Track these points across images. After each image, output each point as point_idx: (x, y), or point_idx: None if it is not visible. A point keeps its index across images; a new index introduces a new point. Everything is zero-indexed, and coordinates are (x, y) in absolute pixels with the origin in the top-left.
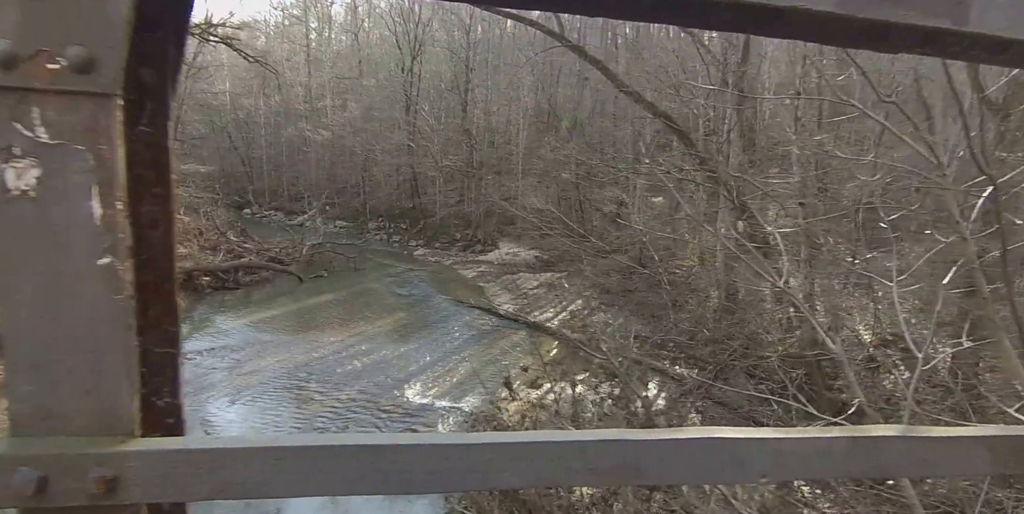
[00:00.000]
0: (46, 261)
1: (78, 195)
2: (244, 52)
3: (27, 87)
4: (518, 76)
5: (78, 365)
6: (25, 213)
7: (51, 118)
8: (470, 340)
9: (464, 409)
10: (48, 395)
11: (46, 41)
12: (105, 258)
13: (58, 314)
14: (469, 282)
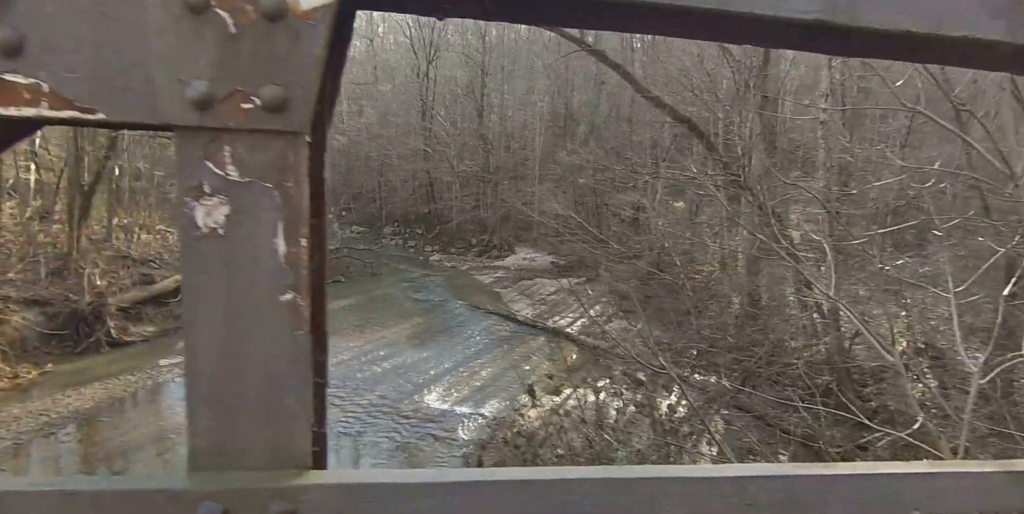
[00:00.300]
0: (231, 298)
1: (265, 233)
2: None
3: (221, 127)
4: (534, 80)
5: (256, 400)
6: (213, 250)
7: (241, 156)
8: (488, 346)
9: (485, 415)
10: (227, 430)
11: (242, 81)
12: (288, 294)
13: (240, 350)
14: (486, 288)
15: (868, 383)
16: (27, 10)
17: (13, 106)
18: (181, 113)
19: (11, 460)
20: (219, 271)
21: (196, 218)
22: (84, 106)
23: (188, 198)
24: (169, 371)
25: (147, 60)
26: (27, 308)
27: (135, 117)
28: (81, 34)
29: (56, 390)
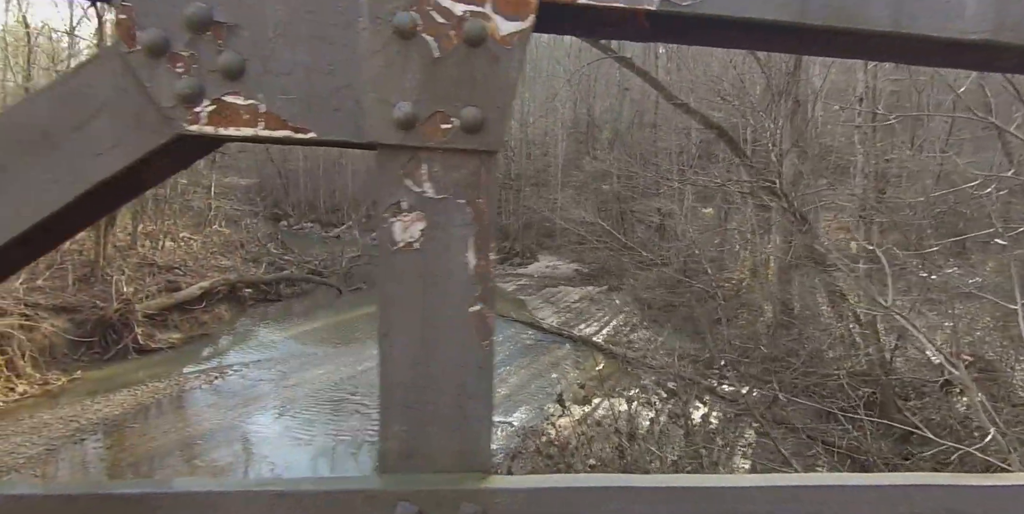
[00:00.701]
0: (424, 309)
1: (457, 246)
2: None
3: (421, 146)
4: (555, 87)
5: (446, 407)
6: (409, 263)
7: (438, 174)
8: (514, 354)
9: (513, 424)
10: (417, 435)
11: (443, 103)
12: (477, 306)
13: (431, 358)
14: (509, 295)
15: (910, 396)
16: (250, 36)
17: (233, 126)
18: (385, 132)
19: (43, 466)
20: (414, 283)
21: (394, 233)
22: (297, 125)
23: (387, 214)
24: (196, 378)
25: (356, 82)
26: (56, 315)
27: (342, 136)
28: (297, 58)
29: (85, 396)
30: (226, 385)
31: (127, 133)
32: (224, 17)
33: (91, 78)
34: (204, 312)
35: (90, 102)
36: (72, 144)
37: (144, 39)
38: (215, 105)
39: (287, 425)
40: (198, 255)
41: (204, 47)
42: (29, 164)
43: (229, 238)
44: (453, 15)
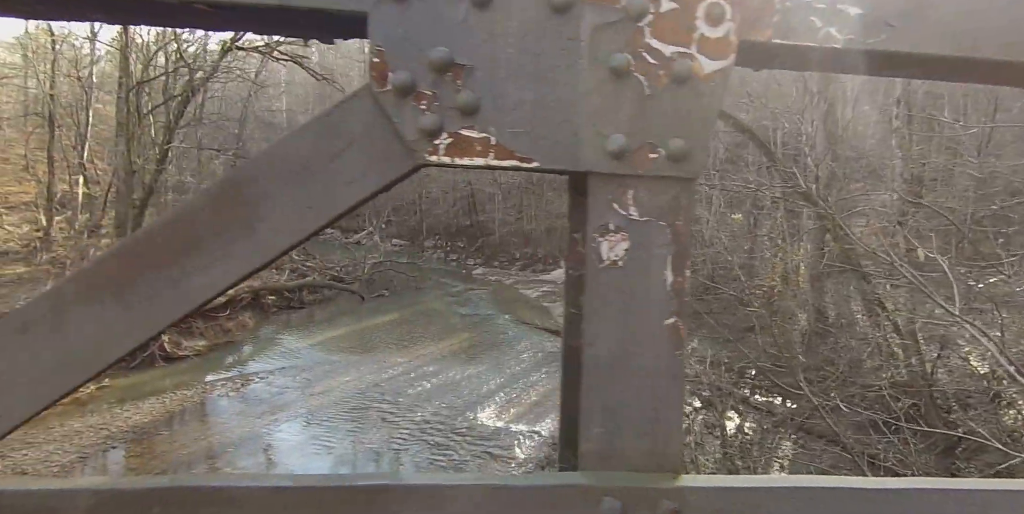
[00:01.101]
0: (625, 321)
1: (657, 265)
2: (312, 70)
3: (630, 174)
4: None
5: (641, 411)
6: (613, 280)
7: (642, 199)
8: (540, 362)
9: (542, 433)
10: (614, 436)
11: (652, 135)
12: (671, 319)
13: (629, 366)
14: (533, 302)
15: (952, 408)
16: (484, 76)
17: (467, 157)
18: (600, 161)
19: (76, 475)
20: (617, 297)
21: (601, 251)
22: (522, 156)
23: (596, 234)
24: (223, 386)
25: (575, 117)
26: None
27: (561, 165)
28: (524, 96)
29: (115, 404)
30: (253, 393)
31: (375, 164)
32: (463, 60)
33: (345, 115)
34: (228, 320)
35: (344, 136)
36: (327, 174)
37: (394, 80)
38: (452, 138)
39: (315, 434)
40: None
41: (445, 87)
42: (291, 192)
43: None
44: (663, 56)
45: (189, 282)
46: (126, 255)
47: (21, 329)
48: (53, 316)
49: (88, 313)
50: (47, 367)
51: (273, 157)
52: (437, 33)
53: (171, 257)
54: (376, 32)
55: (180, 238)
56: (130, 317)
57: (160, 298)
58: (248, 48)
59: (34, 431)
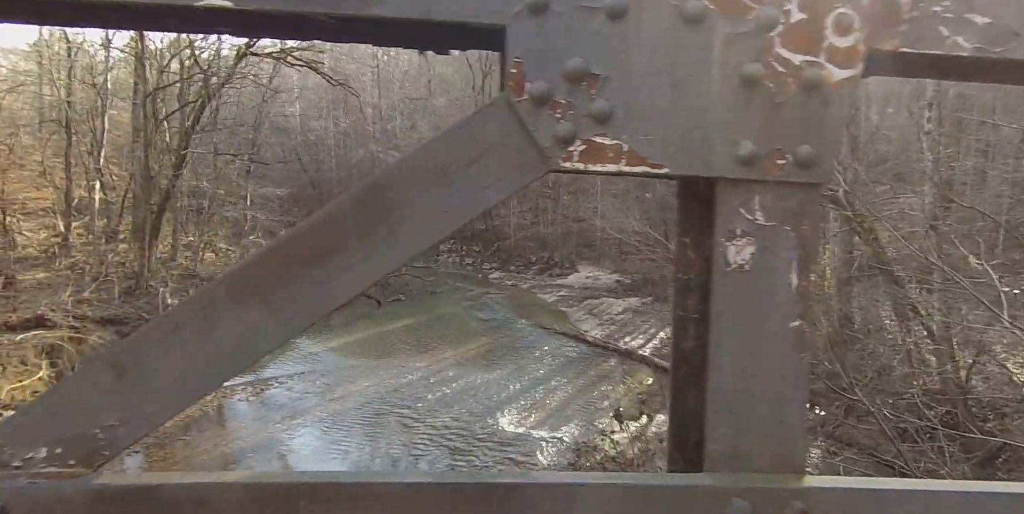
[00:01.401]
0: (751, 324)
1: (782, 268)
2: (327, 75)
3: (758, 179)
4: None
5: (766, 413)
6: (739, 283)
7: (768, 204)
8: (559, 368)
9: (564, 439)
10: (739, 437)
11: (781, 142)
12: (796, 321)
13: (755, 368)
14: (550, 307)
15: (988, 417)
16: (618, 85)
17: (600, 163)
18: (729, 167)
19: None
20: (743, 300)
21: (728, 255)
22: (654, 163)
23: (723, 238)
24: (242, 390)
25: (706, 124)
26: (102, 327)
27: (692, 171)
28: (656, 104)
29: None
30: (272, 398)
31: (510, 170)
32: (597, 69)
33: (482, 123)
34: None
35: (481, 143)
36: (465, 179)
37: (531, 90)
38: (586, 145)
39: (335, 438)
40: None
41: (579, 95)
42: (430, 196)
43: None
44: (792, 65)
45: (332, 282)
46: (272, 257)
47: (173, 329)
48: (203, 317)
49: (235, 313)
50: (197, 364)
51: (413, 163)
52: (572, 44)
53: (315, 258)
54: (514, 44)
55: (325, 240)
56: (274, 317)
57: (304, 299)
58: (263, 53)
59: None
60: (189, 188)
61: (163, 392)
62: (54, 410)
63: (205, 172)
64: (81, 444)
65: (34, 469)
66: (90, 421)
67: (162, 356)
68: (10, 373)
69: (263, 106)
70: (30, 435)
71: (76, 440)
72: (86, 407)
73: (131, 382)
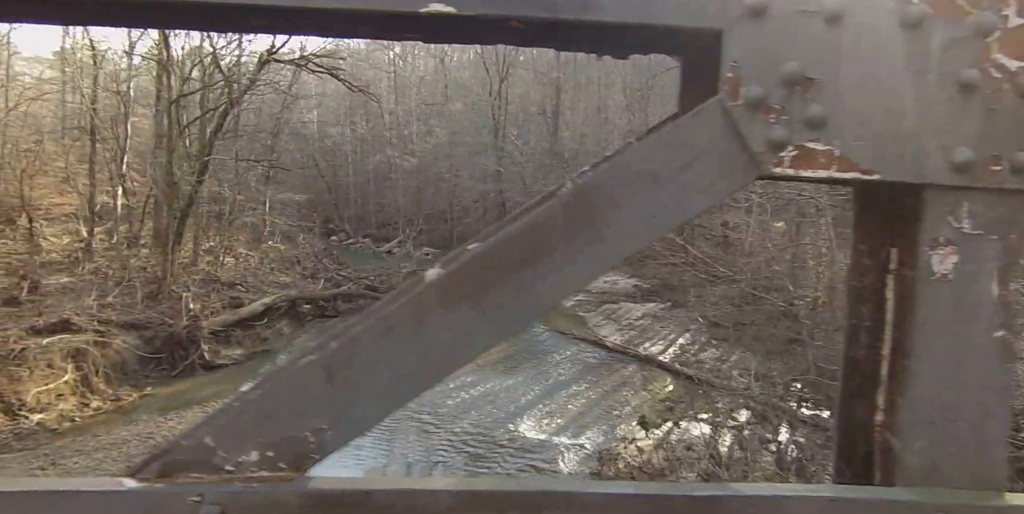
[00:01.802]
0: (953, 334)
1: (985, 277)
2: (348, 82)
3: (968, 186)
4: (609, 96)
5: (966, 426)
6: (942, 292)
7: (976, 211)
8: (578, 374)
9: (585, 446)
10: (937, 451)
11: (997, 148)
12: (1000, 332)
13: (957, 379)
14: (567, 311)
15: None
16: (832, 89)
17: (810, 169)
18: (942, 174)
19: None
20: (945, 310)
21: (932, 264)
22: (865, 168)
23: (927, 247)
24: None
25: (920, 130)
26: (126, 332)
27: (903, 177)
28: (870, 109)
29: (157, 413)
30: None
31: (721, 174)
32: (812, 74)
33: (695, 127)
34: (265, 328)
35: (693, 148)
36: (675, 184)
37: (746, 94)
38: (798, 150)
39: (357, 443)
40: (257, 271)
41: (794, 100)
42: (638, 200)
43: (284, 254)
44: (1008, 71)
45: (538, 287)
46: (481, 262)
47: (385, 331)
48: (414, 320)
49: (445, 317)
50: (407, 367)
51: (622, 167)
52: (789, 48)
53: (523, 263)
54: (731, 48)
55: (533, 244)
56: (483, 321)
57: (511, 303)
58: (285, 60)
59: (83, 439)
60: (210, 194)
61: (372, 395)
62: (265, 412)
63: (226, 178)
64: (291, 447)
65: (246, 472)
66: (300, 424)
67: (373, 359)
68: (37, 376)
69: (283, 112)
70: (242, 438)
71: (287, 443)
72: (297, 409)
73: (341, 384)
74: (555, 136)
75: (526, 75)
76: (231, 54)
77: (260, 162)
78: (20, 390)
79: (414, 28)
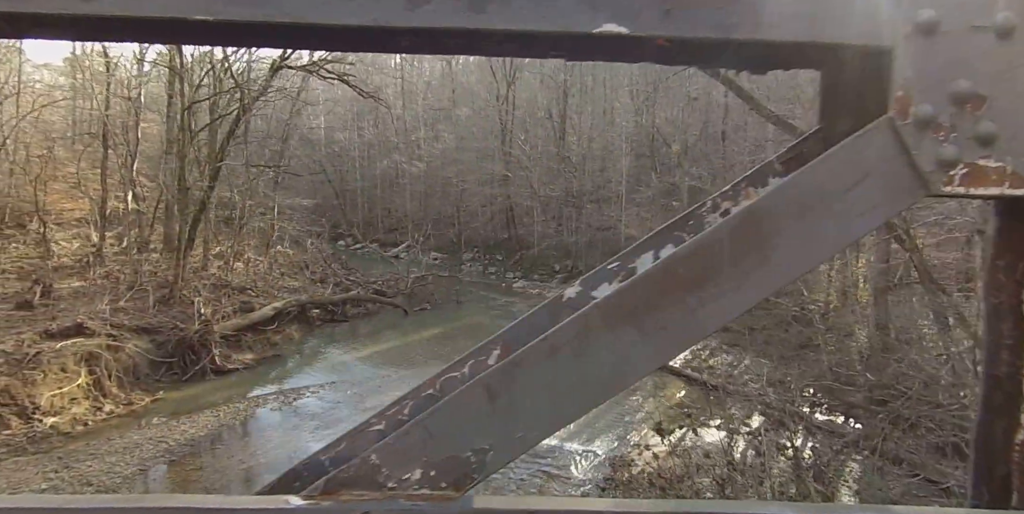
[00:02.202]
0: None
1: None
2: (358, 88)
3: None
4: (615, 99)
5: None
6: None
7: None
8: None
9: (597, 453)
10: None
11: None
12: None
13: None
14: None
15: None
16: (1003, 106)
17: (981, 186)
18: None
19: (139, 487)
20: None
21: None
22: None
23: None
24: (275, 399)
25: None
26: (138, 336)
27: None
28: None
29: (170, 417)
30: (304, 407)
31: (885, 196)
32: (983, 90)
33: (862, 147)
34: (275, 333)
35: (860, 168)
36: (842, 205)
37: (917, 112)
38: (968, 168)
39: None
40: (266, 276)
41: (963, 118)
42: (804, 225)
43: (293, 259)
44: None
45: (703, 310)
46: (647, 284)
47: (549, 353)
48: (578, 341)
49: (608, 339)
50: (568, 388)
51: (791, 190)
52: (960, 65)
53: (689, 286)
54: (902, 66)
55: (699, 268)
56: (646, 344)
57: (674, 326)
58: (297, 67)
59: (96, 442)
60: (219, 199)
61: (534, 416)
62: (431, 432)
63: (236, 183)
64: (454, 467)
65: (408, 490)
66: (464, 444)
67: (535, 380)
68: (50, 380)
69: (292, 118)
70: (407, 457)
71: (449, 462)
72: (461, 429)
73: (504, 405)
74: (562, 140)
75: (533, 79)
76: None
77: (271, 168)
78: (34, 393)
79: (559, 46)
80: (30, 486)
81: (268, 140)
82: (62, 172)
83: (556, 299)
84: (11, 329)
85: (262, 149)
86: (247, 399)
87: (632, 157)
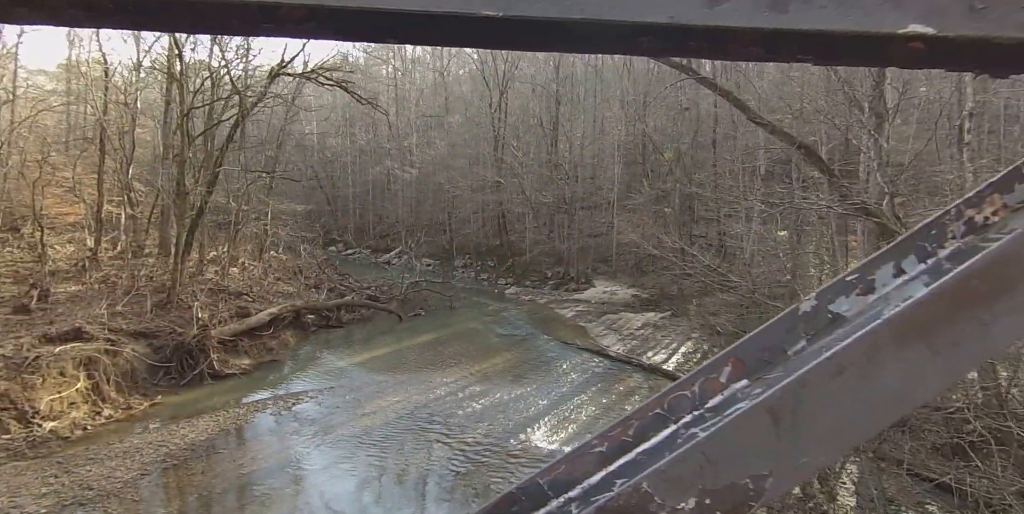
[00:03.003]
0: None
1: None
2: (357, 95)
3: None
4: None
5: None
6: None
7: None
8: (586, 383)
9: None
10: None
11: None
12: None
13: None
14: (569, 322)
15: None
16: None
17: None
18: None
19: (140, 491)
20: None
21: None
22: None
23: None
24: (273, 404)
25: None
26: (136, 340)
27: None
28: None
29: (169, 421)
30: (303, 412)
31: None
32: None
33: None
34: (271, 338)
35: None
36: None
37: None
38: None
39: (373, 453)
40: (261, 281)
41: None
42: None
43: (287, 264)
44: None
45: (996, 324)
46: (937, 299)
47: (836, 373)
48: (866, 360)
49: (897, 357)
50: (856, 410)
51: None
52: None
53: (982, 299)
54: None
55: (994, 280)
56: (936, 360)
57: (966, 341)
58: (295, 74)
59: (96, 447)
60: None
61: (817, 439)
62: (709, 459)
63: (231, 188)
64: (730, 495)
65: None
66: (742, 470)
67: (820, 401)
68: (49, 384)
69: (287, 124)
70: (682, 484)
71: (725, 491)
72: (741, 455)
73: (787, 429)
74: (554, 147)
75: (524, 89)
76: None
77: (268, 173)
78: (33, 398)
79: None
80: (30, 491)
81: (263, 146)
82: (57, 177)
83: (791, 312)
84: (9, 333)
85: (257, 155)
86: (245, 404)
87: (623, 164)
